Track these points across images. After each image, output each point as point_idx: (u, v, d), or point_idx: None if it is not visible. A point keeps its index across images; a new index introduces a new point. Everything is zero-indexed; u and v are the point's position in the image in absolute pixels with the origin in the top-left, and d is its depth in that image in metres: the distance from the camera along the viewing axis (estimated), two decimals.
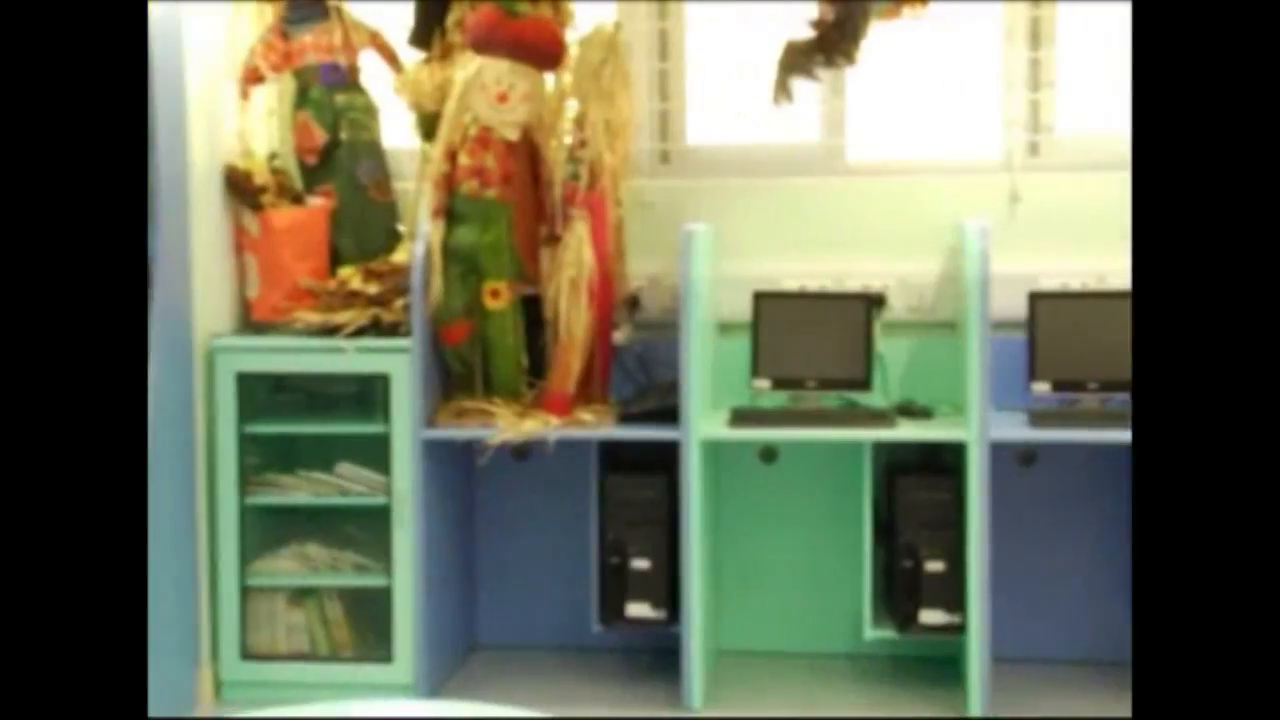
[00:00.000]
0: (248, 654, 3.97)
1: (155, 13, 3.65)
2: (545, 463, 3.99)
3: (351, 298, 3.90)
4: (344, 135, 4.16)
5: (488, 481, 4.26)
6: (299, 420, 3.99)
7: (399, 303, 3.92)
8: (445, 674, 4.04)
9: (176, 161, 3.78)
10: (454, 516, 4.14)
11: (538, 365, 4.03)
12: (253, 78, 4.15)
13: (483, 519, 4.33)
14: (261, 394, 3.99)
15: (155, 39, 3.64)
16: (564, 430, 3.81)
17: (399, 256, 4.13)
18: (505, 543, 4.32)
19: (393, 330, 3.89)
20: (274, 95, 4.27)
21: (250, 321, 4.09)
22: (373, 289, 3.91)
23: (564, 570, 4.22)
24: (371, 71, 4.26)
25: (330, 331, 3.86)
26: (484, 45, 3.87)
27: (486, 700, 3.82)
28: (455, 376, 4.00)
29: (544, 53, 3.91)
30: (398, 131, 4.28)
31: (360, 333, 3.88)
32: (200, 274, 3.85)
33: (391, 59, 4.26)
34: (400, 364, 3.85)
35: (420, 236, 3.92)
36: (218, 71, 4.03)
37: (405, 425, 3.85)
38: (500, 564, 4.33)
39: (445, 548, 4.05)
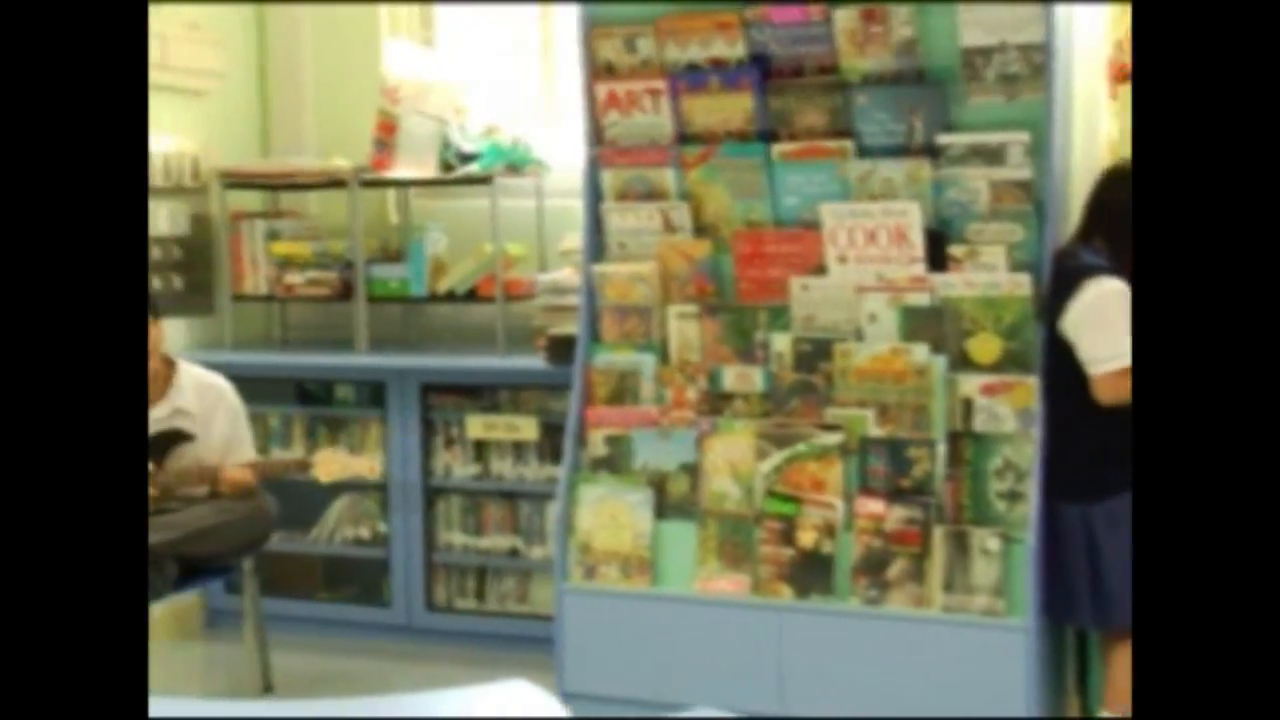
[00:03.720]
0: None
1: (1060, 11, 3.53)
2: None
3: None
4: None
5: None
6: None
7: None
8: None
9: (1060, 163, 3.63)
10: None
11: None
12: (1121, 76, 3.93)
13: None
14: None
15: (1058, 35, 3.52)
16: None
17: None
18: None
19: None
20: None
21: None
22: None
23: None
24: None
25: None
26: None
27: None
28: None
29: None
30: None
31: None
32: None
33: None
34: None
35: None
36: (1094, 70, 3.85)
37: None
38: None
39: None
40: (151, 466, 3.89)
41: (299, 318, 5.27)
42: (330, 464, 4.06)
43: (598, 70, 4.03)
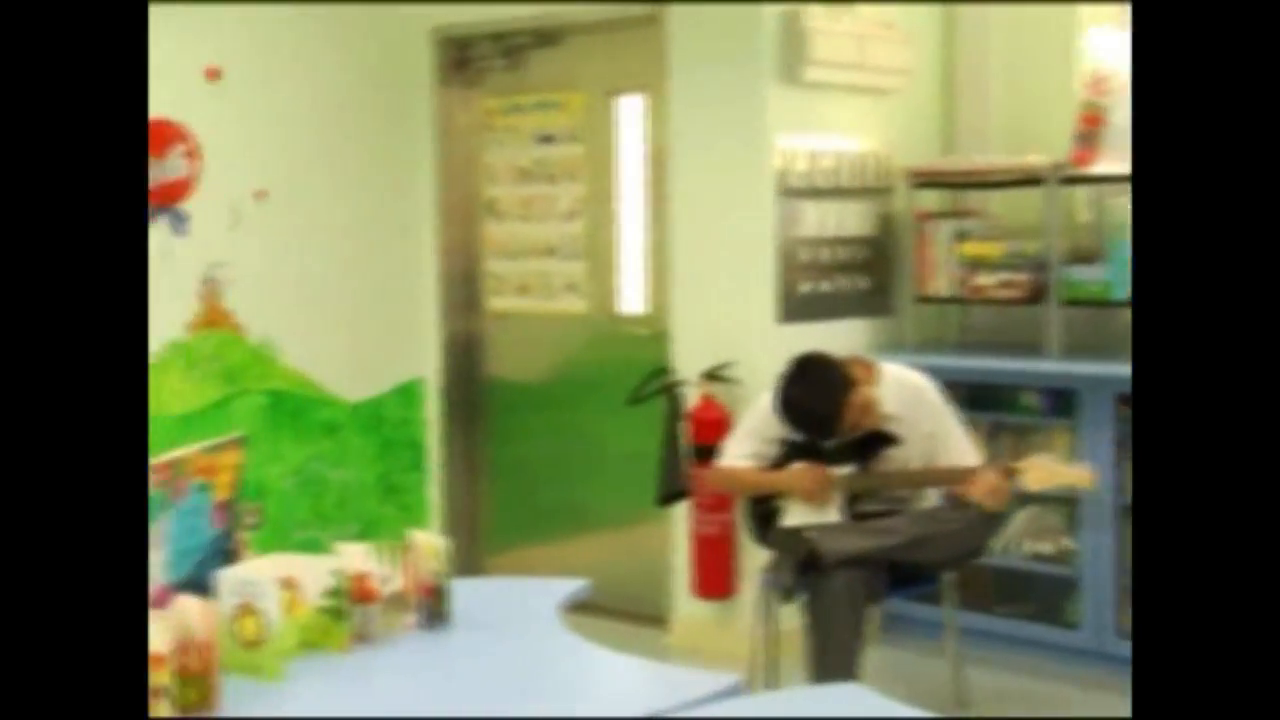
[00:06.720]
0: None
1: None
2: None
3: None
4: None
5: None
6: None
7: None
8: None
9: None
10: None
11: None
12: None
13: None
14: None
15: None
16: None
17: None
18: None
19: None
20: None
21: None
22: None
23: None
24: None
25: None
26: None
27: None
28: None
29: None
30: None
31: None
32: None
33: None
34: None
35: None
36: None
37: None
38: None
39: None
40: (855, 470, 3.86)
41: (978, 320, 5.11)
42: (1040, 471, 3.82)
43: None
